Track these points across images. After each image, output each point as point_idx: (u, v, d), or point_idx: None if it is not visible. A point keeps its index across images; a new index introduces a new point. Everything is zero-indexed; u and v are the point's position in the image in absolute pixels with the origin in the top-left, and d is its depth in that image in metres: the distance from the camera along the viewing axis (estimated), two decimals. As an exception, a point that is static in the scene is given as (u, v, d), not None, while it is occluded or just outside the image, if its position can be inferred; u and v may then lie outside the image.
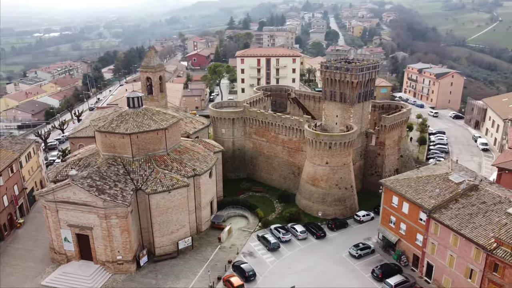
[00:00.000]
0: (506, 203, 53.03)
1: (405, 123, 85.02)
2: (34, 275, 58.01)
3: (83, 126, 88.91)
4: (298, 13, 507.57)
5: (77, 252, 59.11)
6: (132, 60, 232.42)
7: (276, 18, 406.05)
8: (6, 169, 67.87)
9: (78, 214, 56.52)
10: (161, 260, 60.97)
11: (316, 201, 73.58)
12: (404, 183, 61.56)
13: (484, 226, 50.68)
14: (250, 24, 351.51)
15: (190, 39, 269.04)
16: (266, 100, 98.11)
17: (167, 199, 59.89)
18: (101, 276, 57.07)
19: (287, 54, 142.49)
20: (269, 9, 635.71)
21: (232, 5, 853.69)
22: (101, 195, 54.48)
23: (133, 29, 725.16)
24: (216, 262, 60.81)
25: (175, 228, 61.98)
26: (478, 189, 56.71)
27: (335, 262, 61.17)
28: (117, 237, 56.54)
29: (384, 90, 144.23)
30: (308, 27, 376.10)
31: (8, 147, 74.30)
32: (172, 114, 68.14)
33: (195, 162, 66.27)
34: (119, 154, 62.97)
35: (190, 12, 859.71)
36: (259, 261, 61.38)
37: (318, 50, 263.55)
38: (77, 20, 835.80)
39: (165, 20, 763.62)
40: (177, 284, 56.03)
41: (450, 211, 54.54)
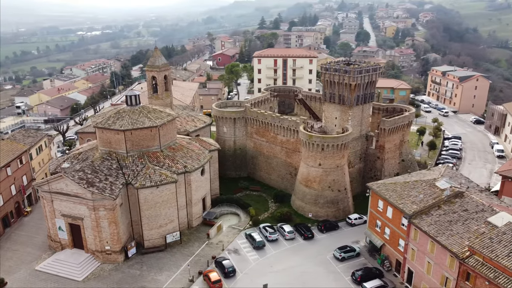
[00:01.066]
0: (489, 212, 51.78)
1: (407, 127, 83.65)
2: (31, 261, 61.92)
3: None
4: (332, 13, 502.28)
5: (70, 241, 62.58)
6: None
7: (308, 18, 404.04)
8: (15, 160, 72.51)
9: (70, 205, 59.87)
10: (149, 252, 63.48)
11: (308, 202, 73.95)
12: (390, 187, 61.05)
13: (461, 234, 49.75)
14: (281, 24, 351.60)
15: (218, 39, 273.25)
16: (272, 100, 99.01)
17: (156, 194, 62.26)
18: (89, 265, 60.19)
19: (303, 54, 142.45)
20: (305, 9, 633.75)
21: (269, 5, 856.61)
22: (90, 187, 57.50)
23: (170, 28, 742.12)
24: (201, 257, 62.62)
25: (164, 222, 64.29)
26: (463, 196, 55.49)
27: (318, 263, 61.50)
28: (105, 228, 59.45)
29: (403, 92, 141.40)
30: (340, 27, 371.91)
31: (20, 139, 79.24)
32: (168, 113, 70.49)
33: (187, 160, 68.33)
34: (114, 149, 66.00)
35: (227, 12, 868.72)
36: (242, 258, 62.66)
37: (345, 51, 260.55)
38: (118, 19, 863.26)
39: (202, 20, 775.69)
40: (159, 276, 58.28)
41: (430, 217, 53.76)
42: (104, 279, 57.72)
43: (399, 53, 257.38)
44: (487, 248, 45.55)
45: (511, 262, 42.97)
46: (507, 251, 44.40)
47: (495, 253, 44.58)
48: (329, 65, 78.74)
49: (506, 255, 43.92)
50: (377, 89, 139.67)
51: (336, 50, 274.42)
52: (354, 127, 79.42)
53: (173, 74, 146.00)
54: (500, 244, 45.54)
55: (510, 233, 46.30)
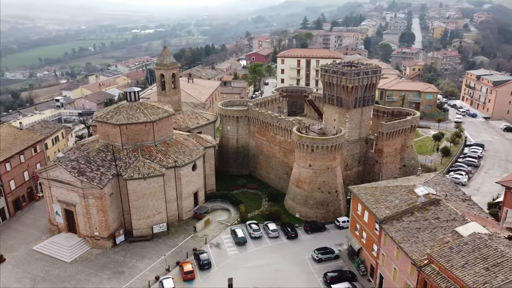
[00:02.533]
0: (460, 221, 50.28)
1: (410, 131, 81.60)
2: (31, 241, 67.49)
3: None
4: (380, 13, 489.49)
5: (66, 225, 67.52)
6: (198, 57, 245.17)
7: (354, 18, 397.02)
8: (29, 148, 78.95)
9: (65, 192, 64.68)
10: (136, 241, 67.08)
11: (299, 203, 74.50)
12: (369, 191, 60.51)
13: (425, 242, 48.76)
14: (323, 24, 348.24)
15: (256, 38, 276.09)
16: (281, 101, 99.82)
17: (143, 186, 65.70)
18: (80, 248, 64.71)
19: (327, 55, 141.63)
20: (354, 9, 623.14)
21: (319, 4, 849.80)
22: (80, 176, 61.85)
23: (220, 27, 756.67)
24: (183, 248, 65.28)
25: (151, 213, 67.63)
26: (439, 204, 54.08)
27: (294, 263, 62.16)
28: (94, 215, 63.65)
29: (430, 96, 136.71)
30: (386, 28, 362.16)
31: (38, 130, 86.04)
32: (165, 109, 73.77)
33: (179, 155, 71.26)
34: (111, 142, 70.24)
35: (277, 11, 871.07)
36: (222, 252, 64.64)
37: (386, 52, 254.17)
38: (172, 18, 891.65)
39: (251, 19, 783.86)
40: (139, 263, 61.62)
41: (400, 224, 52.96)
42: (90, 263, 61.91)
43: (442, 55, 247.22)
44: (444, 258, 44.50)
45: (464, 273, 41.85)
46: (464, 261, 43.19)
47: (451, 263, 43.50)
48: (328, 67, 78.70)
49: (461, 266, 42.76)
50: (401, 92, 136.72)
51: (376, 51, 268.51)
52: (352, 130, 78.98)
53: (198, 72, 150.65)
54: (458, 254, 44.31)
55: (471, 243, 44.91)
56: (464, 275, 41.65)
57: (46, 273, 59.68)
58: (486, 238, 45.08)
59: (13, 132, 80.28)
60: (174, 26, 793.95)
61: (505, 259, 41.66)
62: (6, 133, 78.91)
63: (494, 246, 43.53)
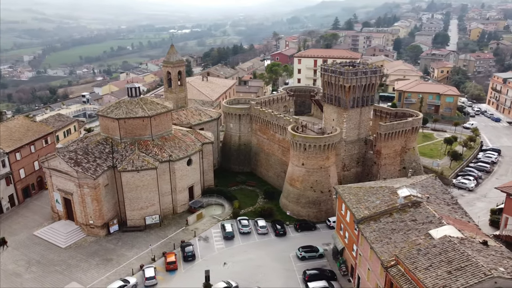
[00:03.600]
0: (436, 224, 49.38)
1: (412, 133, 79.95)
2: (33, 226, 71.53)
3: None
4: (417, 13, 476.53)
5: (65, 213, 71.09)
6: (224, 56, 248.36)
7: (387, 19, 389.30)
8: (40, 140, 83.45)
9: (63, 181, 68.16)
10: (129, 231, 69.69)
11: (291, 201, 74.84)
12: (354, 191, 60.20)
13: (397, 243, 48.23)
14: (355, 25, 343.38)
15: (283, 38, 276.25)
16: (288, 100, 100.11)
17: (136, 178, 68.18)
18: (75, 235, 68.02)
19: (344, 55, 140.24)
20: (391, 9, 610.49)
21: (356, 5, 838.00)
22: (76, 166, 65.03)
23: (255, 28, 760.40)
24: (172, 240, 67.24)
25: (145, 205, 70.01)
26: (419, 206, 53.20)
27: (277, 259, 62.69)
28: (89, 204, 66.71)
29: (450, 99, 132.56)
30: (420, 28, 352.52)
31: (50, 123, 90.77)
32: (164, 105, 76.06)
33: (175, 150, 73.33)
34: (111, 135, 73.27)
35: (313, 12, 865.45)
36: (209, 246, 66.12)
37: (416, 53, 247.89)
38: (209, 18, 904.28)
39: (286, 20, 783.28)
40: (128, 252, 64.10)
41: (377, 224, 52.53)
42: (83, 249, 65.01)
43: (476, 57, 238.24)
44: (410, 259, 43.99)
45: (426, 275, 41.26)
46: (428, 264, 42.57)
47: (416, 264, 42.97)
48: (327, 66, 78.56)
49: (425, 268, 42.17)
50: (420, 94, 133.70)
51: (406, 53, 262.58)
52: (350, 130, 78.45)
53: (216, 71, 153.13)
54: (425, 256, 43.68)
55: (440, 246, 44.14)
56: (425, 277, 41.12)
57: (41, 257, 63.21)
58: (456, 241, 44.16)
59: (26, 124, 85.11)
60: (210, 26, 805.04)
61: (469, 264, 40.79)
62: (20, 125, 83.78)
63: (461, 250, 42.63)
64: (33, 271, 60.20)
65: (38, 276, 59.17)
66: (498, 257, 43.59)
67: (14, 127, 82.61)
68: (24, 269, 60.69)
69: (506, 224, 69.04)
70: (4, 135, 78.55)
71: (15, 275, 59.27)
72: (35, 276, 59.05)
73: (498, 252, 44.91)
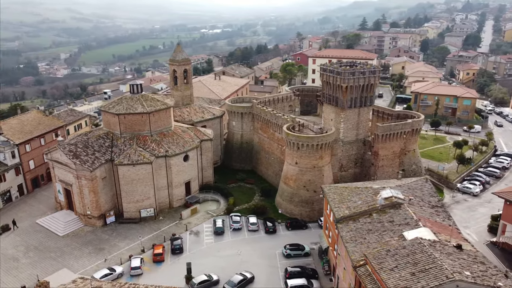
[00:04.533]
0: (412, 225, 48.92)
1: (412, 135, 78.70)
2: (37, 215, 75.21)
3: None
4: (451, 14, 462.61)
5: (66, 203, 74.39)
6: (246, 56, 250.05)
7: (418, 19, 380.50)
8: (50, 133, 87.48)
9: (64, 172, 71.42)
10: (124, 222, 72.19)
11: (285, 199, 75.34)
12: (339, 190, 60.24)
13: (370, 244, 48.17)
14: (383, 25, 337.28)
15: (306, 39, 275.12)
16: (293, 99, 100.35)
17: (132, 172, 70.54)
18: (74, 225, 71.12)
19: (359, 56, 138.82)
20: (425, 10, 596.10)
21: (390, 5, 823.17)
22: (74, 159, 68.02)
23: (285, 28, 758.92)
24: (164, 233, 69.20)
25: (140, 198, 72.31)
26: (399, 207, 52.74)
27: (263, 256, 63.45)
28: (87, 195, 69.61)
29: (467, 101, 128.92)
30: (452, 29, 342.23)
31: (63, 117, 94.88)
32: (164, 102, 78.14)
33: (172, 146, 75.31)
34: (112, 130, 76.06)
35: (345, 12, 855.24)
36: (199, 240, 67.65)
37: (442, 55, 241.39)
38: (240, 18, 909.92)
39: (317, 20, 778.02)
40: (120, 243, 66.52)
41: (355, 224, 52.49)
42: (78, 238, 67.99)
43: (507, 59, 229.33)
44: (377, 259, 43.86)
45: (390, 276, 41.12)
46: (394, 265, 42.39)
47: (382, 265, 42.85)
48: (326, 66, 78.52)
49: (390, 269, 42.01)
50: (436, 96, 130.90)
51: (434, 54, 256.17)
52: (348, 130, 78.19)
53: (232, 70, 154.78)
54: (393, 257, 43.47)
55: (409, 248, 43.79)
56: (388, 278, 41.02)
57: (39, 244, 66.57)
58: (426, 244, 43.72)
59: (38, 118, 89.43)
60: (241, 26, 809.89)
61: (434, 266, 40.43)
62: (32, 119, 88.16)
63: (429, 253, 42.22)
64: (30, 256, 63.55)
65: (33, 261, 62.42)
66: (469, 262, 42.93)
67: (27, 120, 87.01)
68: (22, 254, 64.13)
69: (504, 231, 67.16)
70: (17, 128, 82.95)
71: (13, 259, 62.75)
72: (31, 261, 62.32)
73: (471, 257, 44.18)
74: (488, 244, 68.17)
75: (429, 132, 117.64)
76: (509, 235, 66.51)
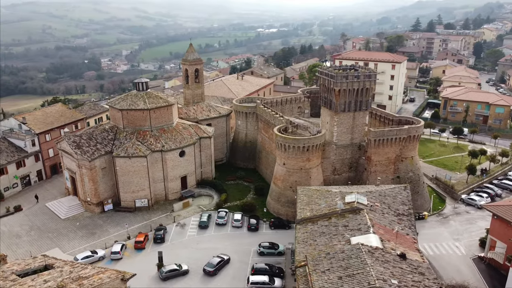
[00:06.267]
0: (363, 231, 48.99)
1: (409, 142, 76.63)
2: (49, 199, 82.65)
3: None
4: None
5: (72, 189, 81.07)
6: (288, 56, 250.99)
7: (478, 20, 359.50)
8: (70, 124, 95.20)
9: (69, 161, 77.94)
10: (121, 211, 77.41)
11: (273, 199, 76.77)
12: (310, 193, 61.05)
13: (318, 246, 49.04)
14: (437, 26, 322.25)
15: (350, 39, 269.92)
16: (303, 101, 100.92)
17: (128, 164, 75.49)
18: (76, 209, 77.48)
19: (386, 59, 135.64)
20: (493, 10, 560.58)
21: (456, 5, 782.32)
22: (76, 149, 74.12)
23: (342, 28, 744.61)
24: (154, 223, 73.45)
25: (136, 189, 77.14)
26: (359, 213, 52.72)
27: (239, 252, 65.42)
28: (87, 183, 75.54)
29: (500, 109, 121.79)
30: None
31: (85, 111, 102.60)
32: (166, 100, 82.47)
33: (169, 141, 79.42)
34: (117, 124, 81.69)
35: (407, 12, 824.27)
36: (183, 232, 71.10)
37: (496, 58, 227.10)
38: (299, 17, 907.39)
39: (376, 20, 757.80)
40: (111, 229, 71.69)
41: (312, 226, 53.30)
42: (76, 221, 74.08)
43: None
44: (315, 261, 44.72)
45: (319, 278, 41.93)
46: (328, 267, 43.12)
47: (317, 267, 43.74)
48: (323, 69, 78.77)
49: (322, 271, 42.84)
50: (466, 103, 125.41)
51: (486, 58, 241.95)
52: (342, 134, 77.99)
53: (260, 70, 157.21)
54: (330, 260, 44.17)
55: (348, 252, 44.21)
56: (317, 280, 41.97)
57: (42, 224, 73.48)
58: (364, 250, 43.93)
59: (61, 110, 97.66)
60: (297, 26, 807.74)
61: (362, 272, 40.86)
62: (56, 111, 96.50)
63: (362, 258, 42.49)
64: (31, 234, 70.48)
65: (33, 239, 69.21)
66: (406, 271, 42.69)
67: (50, 112, 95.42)
68: (25, 232, 71.25)
69: (492, 247, 64.14)
70: (40, 119, 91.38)
71: (16, 236, 69.97)
72: (31, 239, 69.14)
73: (412, 267, 43.88)
74: (475, 258, 65.42)
75: (451, 140, 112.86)
76: (499, 251, 63.45)
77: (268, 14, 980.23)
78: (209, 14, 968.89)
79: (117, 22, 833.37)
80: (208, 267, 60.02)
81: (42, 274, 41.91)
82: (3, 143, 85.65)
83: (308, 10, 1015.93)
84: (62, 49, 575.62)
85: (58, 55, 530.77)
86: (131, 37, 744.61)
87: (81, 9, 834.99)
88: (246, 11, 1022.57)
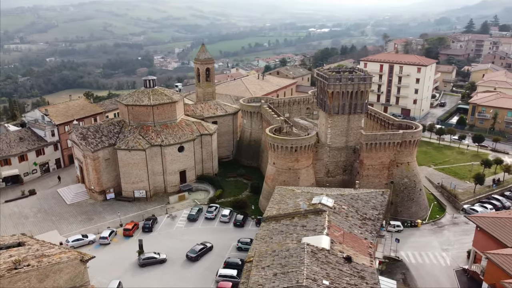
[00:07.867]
0: (317, 232, 49.67)
1: (404, 147, 74.86)
2: (62, 185, 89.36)
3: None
4: None
5: (80, 177, 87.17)
6: (326, 57, 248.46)
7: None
8: (89, 117, 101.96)
9: (78, 151, 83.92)
10: (121, 200, 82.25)
11: (264, 197, 78.11)
12: (284, 192, 62.19)
13: (272, 244, 50.17)
14: (491, 28, 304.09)
15: (392, 41, 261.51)
16: (312, 102, 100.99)
17: (128, 156, 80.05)
18: (81, 196, 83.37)
19: (412, 62, 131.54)
20: None
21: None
22: (81, 140, 79.76)
23: (397, 28, 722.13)
24: (148, 213, 77.52)
25: (135, 180, 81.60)
26: (320, 214, 53.16)
27: (219, 246, 67.39)
28: (91, 173, 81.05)
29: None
30: None
31: (106, 105, 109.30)
32: (170, 97, 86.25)
33: (169, 136, 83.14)
34: (124, 119, 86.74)
35: (469, 12, 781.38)
36: (172, 223, 74.49)
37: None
38: (353, 17, 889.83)
39: (434, 20, 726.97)
40: (108, 216, 76.59)
41: (274, 225, 54.54)
42: (79, 208, 79.88)
43: None
44: (260, 257, 46.18)
45: (257, 273, 43.35)
46: (268, 264, 44.46)
47: (259, 263, 45.24)
48: (319, 71, 78.85)
49: (262, 267, 44.33)
50: (495, 110, 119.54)
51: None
52: (336, 137, 77.78)
53: (286, 71, 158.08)
54: (273, 257, 45.58)
55: (291, 251, 45.41)
56: (255, 275, 43.45)
57: (49, 208, 79.93)
58: (309, 249, 44.95)
59: (83, 104, 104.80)
60: (350, 26, 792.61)
61: (295, 270, 41.98)
62: (77, 104, 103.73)
63: (301, 257, 43.48)
64: (37, 217, 76.98)
65: (37, 221, 75.61)
66: (345, 274, 43.21)
67: (73, 105, 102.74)
68: (33, 214, 77.91)
69: (477, 259, 61.65)
70: (62, 111, 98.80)
71: (24, 217, 76.76)
72: (35, 221, 75.58)
73: (353, 270, 44.28)
74: (458, 270, 63.27)
75: (471, 148, 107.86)
76: (484, 264, 60.89)
77: (322, 14, 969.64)
78: (262, 13, 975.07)
79: (173, 21, 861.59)
80: (191, 253, 63.32)
81: (11, 250, 46.66)
82: (26, 132, 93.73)
83: (363, 10, 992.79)
84: (120, 46, 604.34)
85: (115, 52, 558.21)
86: (185, 35, 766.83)
87: (141, 8, 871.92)
88: (299, 10, 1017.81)
